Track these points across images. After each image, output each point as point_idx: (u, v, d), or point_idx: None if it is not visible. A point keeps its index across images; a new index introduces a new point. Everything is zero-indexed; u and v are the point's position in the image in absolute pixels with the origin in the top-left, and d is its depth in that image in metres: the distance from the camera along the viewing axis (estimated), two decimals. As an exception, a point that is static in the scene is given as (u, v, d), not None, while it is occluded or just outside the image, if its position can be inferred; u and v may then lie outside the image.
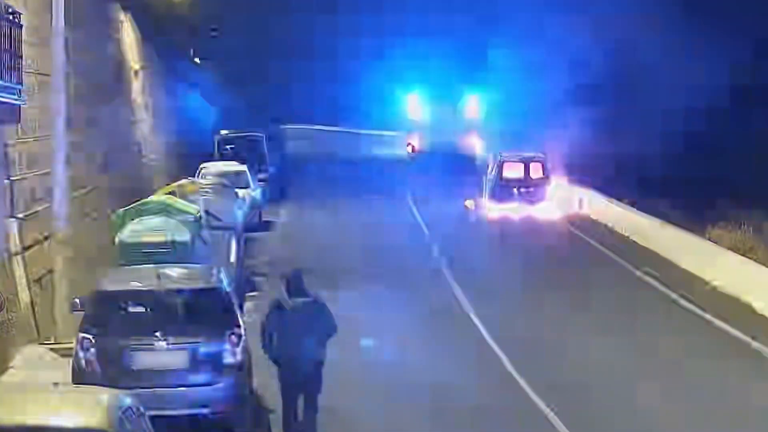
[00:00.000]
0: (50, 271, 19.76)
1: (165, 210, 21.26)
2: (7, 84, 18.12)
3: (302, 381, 14.52)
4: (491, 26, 51.40)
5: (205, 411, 14.56)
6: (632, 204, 34.82)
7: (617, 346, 20.34)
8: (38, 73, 20.96)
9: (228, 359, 14.66)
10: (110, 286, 15.38)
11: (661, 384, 17.91)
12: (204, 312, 14.97)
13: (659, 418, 16.40)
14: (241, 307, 16.64)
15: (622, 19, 44.48)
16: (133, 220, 20.79)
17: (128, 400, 10.38)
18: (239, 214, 27.44)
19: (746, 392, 17.70)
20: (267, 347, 14.56)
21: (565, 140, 41.27)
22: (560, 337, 21.10)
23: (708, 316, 22.88)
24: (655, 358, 19.74)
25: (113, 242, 20.75)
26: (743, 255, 25.69)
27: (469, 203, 39.89)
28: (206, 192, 26.92)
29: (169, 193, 24.33)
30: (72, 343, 15.37)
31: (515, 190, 38.34)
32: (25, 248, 19.41)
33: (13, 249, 18.90)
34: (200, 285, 15.39)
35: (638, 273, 27.67)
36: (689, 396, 17.44)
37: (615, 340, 20.77)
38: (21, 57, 18.92)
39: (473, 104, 57.27)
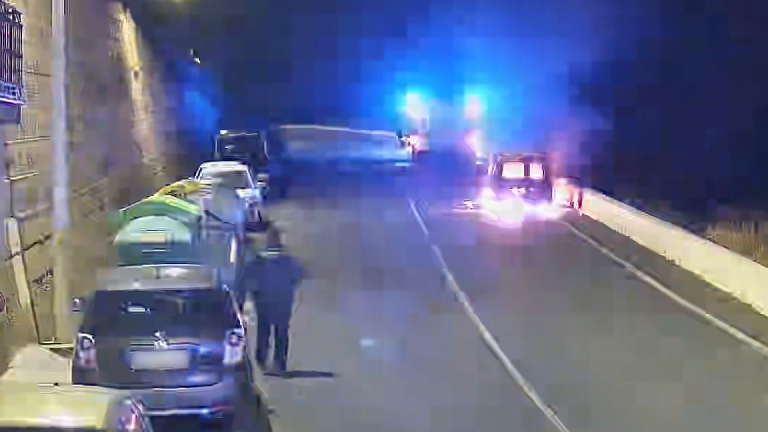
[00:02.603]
0: (50, 271, 19.76)
1: (165, 210, 21.26)
2: (7, 84, 18.11)
3: (275, 313, 17.97)
4: (491, 26, 51.31)
5: (205, 411, 14.56)
6: (632, 204, 34.80)
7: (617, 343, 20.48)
8: (38, 73, 20.97)
9: (228, 359, 14.66)
10: (110, 286, 15.38)
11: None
12: (204, 312, 14.99)
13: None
14: (241, 307, 16.64)
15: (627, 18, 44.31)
16: (133, 220, 20.78)
17: (128, 400, 10.37)
18: (239, 214, 27.42)
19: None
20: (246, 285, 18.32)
21: (566, 139, 41.25)
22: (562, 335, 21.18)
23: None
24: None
25: (113, 242, 20.74)
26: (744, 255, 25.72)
27: (469, 203, 39.88)
28: (206, 192, 26.91)
29: (169, 193, 24.32)
30: (72, 343, 15.37)
31: (515, 189, 38.31)
32: (25, 248, 19.41)
33: (13, 249, 18.90)
34: (200, 285, 15.40)
35: (638, 271, 27.72)
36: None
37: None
38: (21, 57, 18.91)
39: (473, 104, 57.23)
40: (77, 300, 16.42)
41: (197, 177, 33.47)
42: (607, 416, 16.35)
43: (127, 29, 37.29)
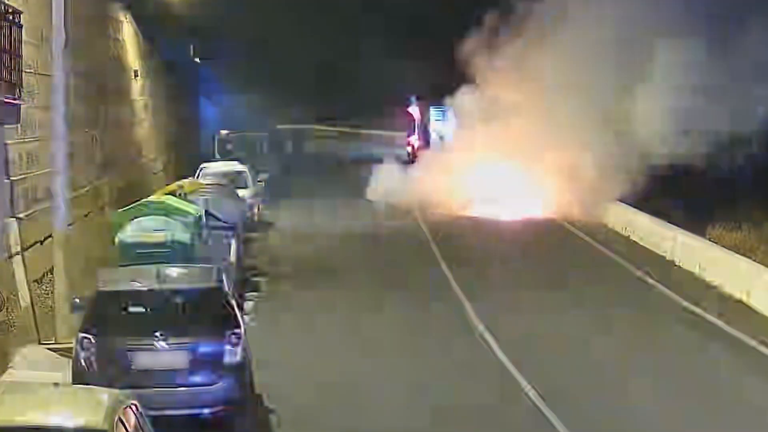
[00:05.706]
0: (50, 271, 19.77)
1: (165, 210, 21.26)
2: (7, 84, 18.11)
3: None
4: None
5: (205, 411, 14.56)
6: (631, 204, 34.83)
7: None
8: (38, 73, 20.97)
9: (228, 359, 14.66)
10: (110, 286, 15.36)
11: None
12: (204, 312, 14.99)
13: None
14: (241, 307, 16.63)
15: None
16: (133, 220, 20.79)
17: (128, 400, 10.37)
18: (239, 214, 27.47)
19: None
20: None
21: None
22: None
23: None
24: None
25: (113, 242, 20.75)
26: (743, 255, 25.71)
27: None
28: (206, 192, 26.95)
29: (169, 193, 24.34)
30: (72, 343, 15.37)
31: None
32: (25, 248, 19.42)
33: (13, 249, 18.91)
34: (200, 285, 15.39)
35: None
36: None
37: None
38: (21, 57, 18.92)
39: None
40: (77, 300, 16.42)
41: (197, 177, 33.51)
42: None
43: (127, 29, 37.28)
